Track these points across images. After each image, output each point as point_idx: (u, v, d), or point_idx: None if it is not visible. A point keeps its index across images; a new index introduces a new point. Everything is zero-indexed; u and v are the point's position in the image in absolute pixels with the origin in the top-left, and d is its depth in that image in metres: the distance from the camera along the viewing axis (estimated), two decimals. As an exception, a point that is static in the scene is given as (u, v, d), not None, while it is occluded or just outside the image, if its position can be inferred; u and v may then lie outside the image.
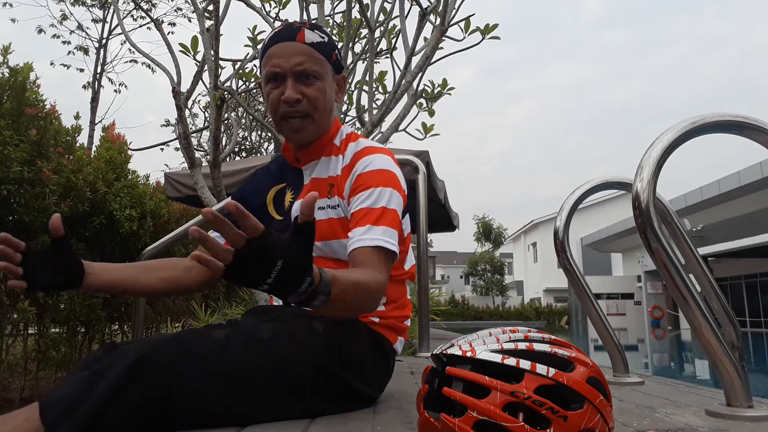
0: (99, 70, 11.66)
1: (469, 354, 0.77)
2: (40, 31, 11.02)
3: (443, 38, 3.60)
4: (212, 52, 3.35)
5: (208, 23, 3.55)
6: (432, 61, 3.69)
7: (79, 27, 11.42)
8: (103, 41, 11.63)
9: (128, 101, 46.81)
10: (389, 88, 4.00)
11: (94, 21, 11.54)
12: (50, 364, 3.32)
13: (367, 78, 4.10)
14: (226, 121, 6.01)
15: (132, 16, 10.76)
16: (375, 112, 3.86)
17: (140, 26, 11.55)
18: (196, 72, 3.55)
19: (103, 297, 3.28)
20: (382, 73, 4.33)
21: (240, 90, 4.52)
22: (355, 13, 3.93)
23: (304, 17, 4.04)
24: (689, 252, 1.72)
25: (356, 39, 4.48)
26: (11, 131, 2.59)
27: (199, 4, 3.62)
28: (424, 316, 2.82)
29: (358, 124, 4.42)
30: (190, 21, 11.41)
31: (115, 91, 12.82)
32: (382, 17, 4.23)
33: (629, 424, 1.12)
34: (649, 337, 16.92)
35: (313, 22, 3.94)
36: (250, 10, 4.06)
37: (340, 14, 4.55)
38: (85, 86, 11.61)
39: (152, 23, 6.34)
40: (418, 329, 2.85)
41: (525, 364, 0.75)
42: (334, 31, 4.63)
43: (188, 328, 2.24)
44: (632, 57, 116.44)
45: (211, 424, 1.00)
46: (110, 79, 12.43)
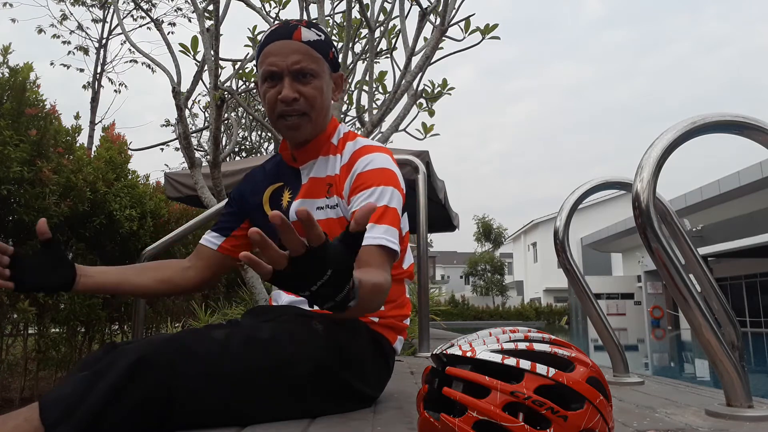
0: (99, 70, 11.67)
1: (469, 354, 0.77)
2: (40, 31, 11.03)
3: (443, 38, 3.60)
4: (212, 52, 3.35)
5: (208, 23, 3.55)
6: (432, 61, 3.69)
7: (79, 27, 11.43)
8: (103, 41, 11.64)
9: (128, 101, 46.86)
10: (389, 88, 4.00)
11: (94, 21, 11.56)
12: (50, 364, 3.32)
13: (367, 78, 4.10)
14: (226, 121, 6.01)
15: (132, 16, 10.78)
16: (375, 112, 3.86)
17: (140, 26, 11.57)
18: (196, 72, 3.55)
19: (103, 297, 3.28)
20: (382, 73, 4.33)
21: (240, 90, 4.52)
22: (355, 13, 3.93)
23: (304, 17, 4.04)
24: (689, 252, 1.72)
25: (356, 39, 4.48)
26: (11, 131, 2.59)
27: (199, 4, 3.62)
28: (424, 316, 2.82)
29: (358, 124, 4.42)
30: (190, 21, 11.43)
31: (115, 91, 12.84)
32: (382, 17, 4.23)
33: (629, 424, 1.12)
34: (649, 337, 16.92)
35: (313, 21, 3.95)
36: (250, 10, 4.07)
37: (340, 14, 4.55)
38: (85, 86, 11.62)
39: (152, 23, 6.34)
40: (418, 329, 2.85)
41: (525, 364, 0.75)
42: (334, 31, 4.63)
43: (188, 328, 2.24)
44: (632, 57, 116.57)
45: (211, 424, 1.00)
46: (110, 79, 12.45)
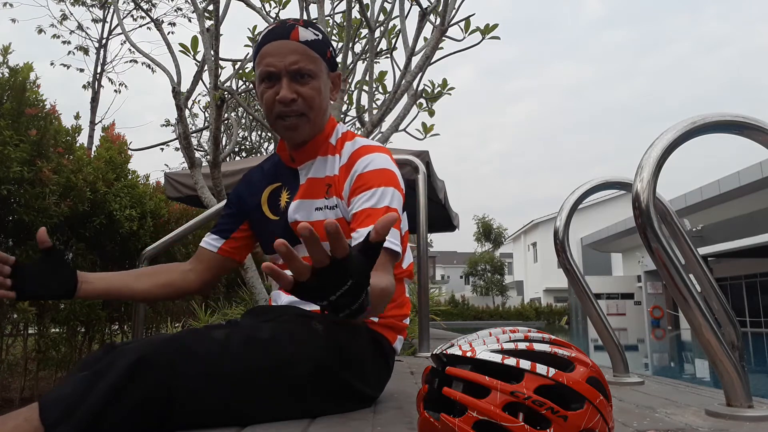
0: (99, 70, 11.67)
1: (469, 354, 0.77)
2: (40, 31, 11.04)
3: (443, 38, 3.60)
4: (212, 52, 3.35)
5: (208, 23, 3.55)
6: (432, 61, 3.69)
7: (79, 27, 11.43)
8: (103, 41, 11.64)
9: (128, 101, 46.86)
10: (389, 88, 4.00)
11: (94, 21, 11.56)
12: (50, 364, 3.32)
13: (367, 78, 4.10)
14: (226, 121, 6.01)
15: (132, 16, 10.78)
16: (375, 112, 3.86)
17: (140, 26, 11.57)
18: (196, 72, 3.55)
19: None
20: (382, 73, 4.33)
21: (240, 90, 4.53)
22: (355, 13, 3.92)
23: (304, 17, 4.04)
24: (689, 252, 1.72)
25: (356, 39, 4.48)
26: (11, 131, 2.59)
27: (199, 4, 3.62)
28: (424, 316, 2.82)
29: (358, 124, 4.42)
30: (190, 21, 11.43)
31: (115, 91, 12.85)
32: (382, 17, 4.23)
33: (629, 424, 1.12)
34: (649, 337, 16.92)
35: (313, 21, 3.95)
36: (250, 10, 4.07)
37: (340, 14, 4.55)
38: (85, 86, 11.62)
39: (152, 23, 6.34)
40: (418, 329, 2.85)
41: (525, 364, 0.75)
42: (334, 31, 4.63)
43: (188, 328, 2.24)
44: (632, 57, 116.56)
45: (211, 424, 1.00)
46: (110, 79, 12.45)
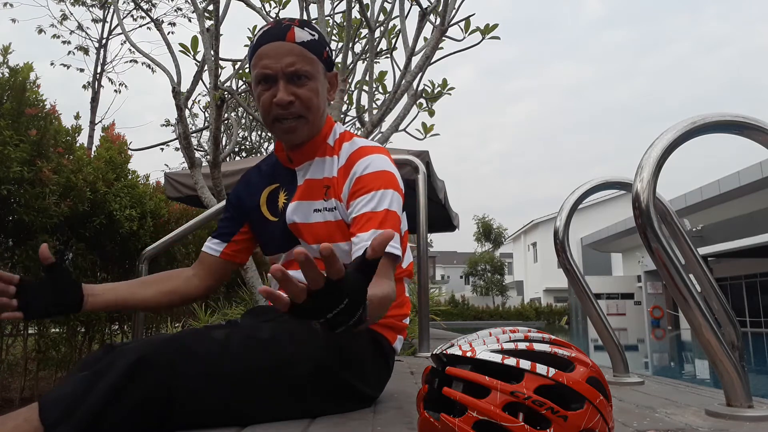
0: (99, 70, 11.66)
1: (469, 354, 0.77)
2: (40, 31, 11.03)
3: (443, 38, 3.60)
4: (212, 52, 3.35)
5: (208, 23, 3.55)
6: (432, 61, 3.69)
7: (79, 27, 11.42)
8: (103, 41, 11.63)
9: (128, 101, 46.81)
10: (389, 88, 4.00)
11: (94, 21, 11.54)
12: (50, 364, 3.32)
13: (367, 78, 4.10)
14: (226, 121, 6.01)
15: (132, 16, 10.76)
16: (375, 112, 3.86)
17: (140, 26, 11.56)
18: (196, 72, 3.55)
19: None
20: (382, 73, 4.34)
21: (240, 90, 4.53)
22: (355, 13, 3.93)
23: (304, 17, 4.04)
24: (689, 252, 1.72)
25: (356, 39, 4.48)
26: (11, 131, 2.59)
27: (199, 4, 3.62)
28: (424, 316, 2.81)
29: (358, 124, 4.43)
30: (190, 21, 11.42)
31: (115, 91, 12.83)
32: (382, 17, 4.23)
33: (629, 424, 1.12)
34: (649, 337, 16.92)
35: (313, 21, 3.95)
36: (250, 10, 4.07)
37: (340, 14, 4.55)
38: (85, 86, 11.61)
39: (152, 23, 6.34)
40: (418, 329, 2.85)
41: (525, 364, 0.75)
42: (334, 31, 4.63)
43: (188, 328, 2.24)
44: (632, 57, 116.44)
45: (211, 424, 1.00)
46: (110, 79, 12.42)
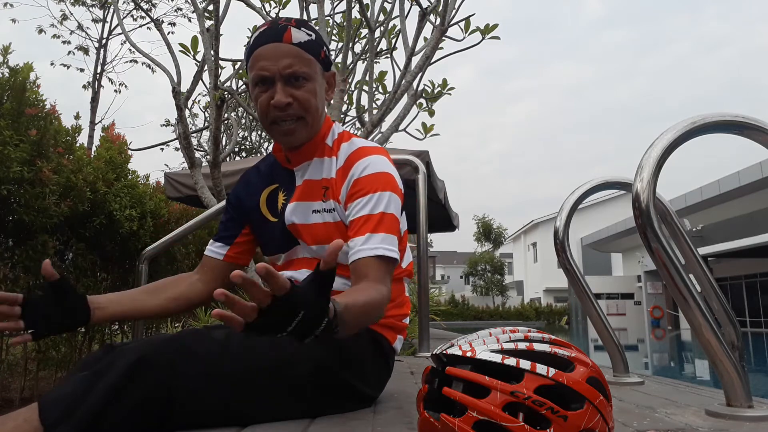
0: (99, 70, 11.66)
1: (469, 354, 0.77)
2: (41, 31, 11.03)
3: (443, 38, 3.60)
4: (212, 52, 3.35)
5: (208, 23, 3.54)
6: (432, 61, 3.68)
7: (79, 27, 11.42)
8: (103, 41, 11.63)
9: (128, 101, 46.82)
10: (389, 88, 4.00)
11: (94, 21, 11.55)
12: (50, 364, 3.32)
13: (367, 78, 4.10)
14: (226, 121, 6.01)
15: (132, 16, 10.76)
16: (375, 112, 3.85)
17: (140, 26, 11.55)
18: (196, 72, 3.55)
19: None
20: (382, 73, 4.33)
21: (240, 90, 4.53)
22: (355, 13, 3.92)
23: (304, 17, 4.04)
24: (689, 252, 1.72)
25: (356, 39, 4.48)
26: (11, 131, 2.59)
27: (199, 4, 3.62)
28: (424, 316, 2.82)
29: (358, 124, 4.42)
30: (190, 21, 11.42)
31: (115, 91, 12.82)
32: (382, 17, 4.23)
33: (629, 424, 1.12)
34: (649, 337, 16.92)
35: (313, 21, 3.95)
36: (250, 10, 4.07)
37: (340, 14, 4.55)
38: (85, 86, 11.61)
39: (152, 23, 6.33)
40: (418, 329, 2.85)
41: (525, 364, 0.75)
42: (334, 31, 4.63)
43: (188, 328, 2.24)
44: (632, 57, 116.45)
45: (211, 424, 1.00)
46: (110, 79, 12.41)
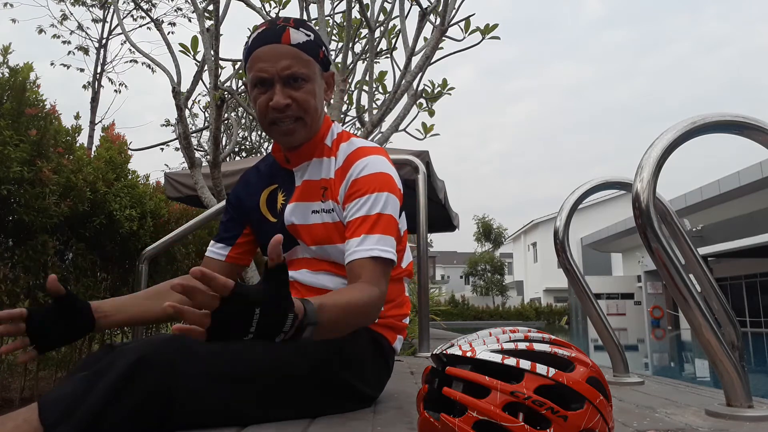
0: (99, 70, 11.66)
1: (469, 354, 0.77)
2: (41, 31, 11.03)
3: (443, 38, 3.60)
4: (212, 52, 3.35)
5: (208, 23, 3.54)
6: (432, 61, 3.68)
7: (79, 27, 11.42)
8: (103, 41, 11.63)
9: (128, 101, 46.83)
10: (389, 88, 4.00)
11: (94, 21, 11.55)
12: (50, 364, 3.32)
13: (367, 78, 4.10)
14: (226, 121, 6.01)
15: (132, 16, 10.76)
16: (375, 112, 3.85)
17: (140, 26, 11.54)
18: (196, 72, 3.55)
19: (103, 297, 3.28)
20: (382, 73, 4.33)
21: (240, 90, 4.53)
22: (355, 13, 3.92)
23: (304, 17, 4.04)
24: (689, 252, 1.72)
25: (356, 39, 4.48)
26: (11, 131, 2.59)
27: (199, 4, 3.62)
28: (424, 316, 2.82)
29: (358, 124, 4.42)
30: (190, 21, 11.42)
31: (115, 91, 12.82)
32: (382, 17, 4.23)
33: (629, 424, 1.12)
34: (649, 337, 16.92)
35: (313, 21, 3.95)
36: (250, 10, 4.07)
37: (340, 14, 4.55)
38: (85, 86, 11.61)
39: (152, 23, 6.33)
40: (418, 329, 2.85)
41: (525, 364, 0.75)
42: (334, 31, 4.63)
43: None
44: (632, 57, 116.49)
45: (211, 424, 1.00)
46: (110, 79, 12.41)
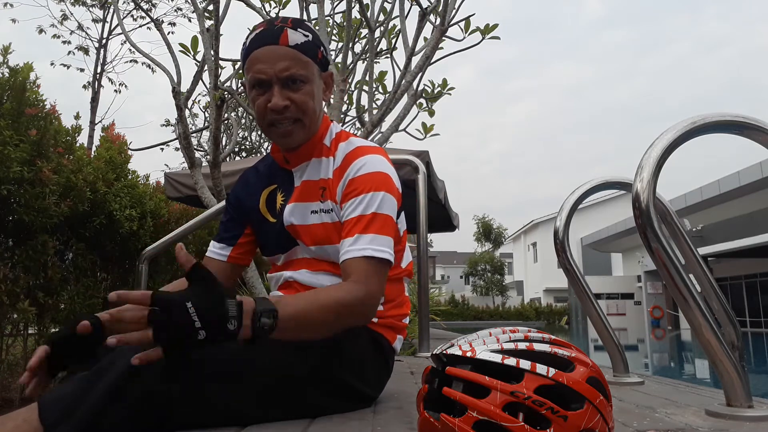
0: (99, 70, 11.67)
1: (469, 354, 0.77)
2: (41, 31, 11.04)
3: (443, 38, 3.60)
4: (212, 52, 3.34)
5: (208, 23, 3.54)
6: (432, 61, 3.68)
7: (79, 27, 11.44)
8: (103, 41, 11.64)
9: (128, 101, 46.83)
10: (389, 88, 4.00)
11: (94, 21, 11.56)
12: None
13: (367, 78, 4.09)
14: (226, 121, 6.01)
15: (132, 16, 10.78)
16: (375, 112, 3.85)
17: (140, 26, 11.57)
18: (196, 72, 3.55)
19: (103, 297, 3.28)
20: (382, 73, 4.33)
21: (240, 90, 4.52)
22: (355, 13, 3.92)
23: (304, 17, 4.04)
24: (689, 252, 1.72)
25: (356, 39, 4.48)
26: (11, 131, 2.59)
27: (199, 4, 3.61)
28: (424, 316, 2.82)
29: (358, 124, 4.42)
30: (190, 21, 11.43)
31: (115, 91, 12.83)
32: (382, 17, 4.23)
33: (629, 424, 1.12)
34: (649, 337, 16.92)
35: (312, 21, 3.95)
36: (250, 10, 4.07)
37: (340, 14, 4.55)
38: (85, 86, 11.62)
39: (152, 23, 6.33)
40: (418, 329, 2.85)
41: (525, 364, 0.75)
42: (334, 31, 4.63)
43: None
44: (632, 57, 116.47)
45: (211, 424, 1.00)
46: (110, 79, 12.43)
